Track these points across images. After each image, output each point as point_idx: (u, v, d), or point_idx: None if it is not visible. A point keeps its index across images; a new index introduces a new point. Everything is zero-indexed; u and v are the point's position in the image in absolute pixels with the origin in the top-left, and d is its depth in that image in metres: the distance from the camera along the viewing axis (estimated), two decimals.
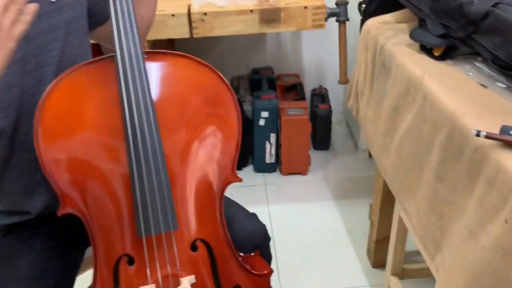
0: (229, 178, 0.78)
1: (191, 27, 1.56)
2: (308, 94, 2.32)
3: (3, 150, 0.79)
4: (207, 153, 0.77)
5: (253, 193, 2.00)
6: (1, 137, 0.78)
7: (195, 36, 1.58)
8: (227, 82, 0.79)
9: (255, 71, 2.31)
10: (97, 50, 1.65)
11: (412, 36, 1.01)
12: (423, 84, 0.88)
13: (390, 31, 1.12)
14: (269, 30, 1.59)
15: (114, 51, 0.72)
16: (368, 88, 1.19)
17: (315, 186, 2.05)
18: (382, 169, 1.14)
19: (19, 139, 0.80)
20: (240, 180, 0.79)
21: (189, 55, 0.78)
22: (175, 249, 0.72)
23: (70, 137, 0.73)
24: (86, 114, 0.71)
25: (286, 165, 2.08)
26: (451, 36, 0.93)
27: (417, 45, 1.02)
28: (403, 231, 1.21)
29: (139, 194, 0.69)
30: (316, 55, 2.41)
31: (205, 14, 1.54)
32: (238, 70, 2.38)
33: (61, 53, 0.82)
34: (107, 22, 0.92)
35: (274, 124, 2.02)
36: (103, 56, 0.76)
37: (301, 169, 2.09)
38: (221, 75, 0.79)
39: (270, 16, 1.54)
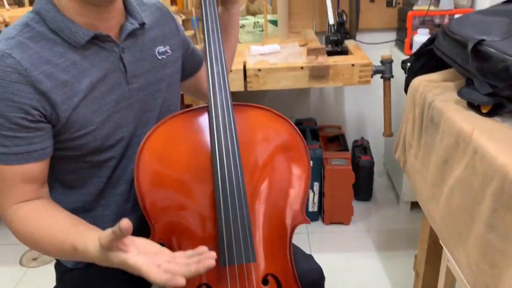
0: (299, 219, 0.86)
1: (246, 81, 1.70)
2: (350, 146, 2.39)
3: (103, 180, 0.91)
4: (282, 193, 0.85)
5: (296, 241, 2.01)
6: (105, 168, 0.90)
7: (249, 89, 1.70)
8: (299, 132, 0.88)
9: (299, 122, 2.42)
10: None
11: (460, 94, 1.08)
12: (473, 139, 0.95)
13: (438, 89, 1.19)
14: (318, 85, 1.70)
15: (208, 102, 0.84)
16: (416, 141, 1.25)
17: (357, 237, 2.07)
18: (430, 219, 1.18)
19: (119, 172, 0.92)
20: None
21: (267, 108, 0.89)
22: (251, 281, 0.79)
23: (165, 174, 0.83)
24: (179, 155, 0.81)
25: (329, 214, 2.12)
26: (499, 95, 1.00)
27: (464, 102, 1.08)
28: (451, 281, 1.23)
29: (225, 227, 0.78)
30: (357, 107, 2.50)
31: (259, 70, 1.67)
32: None
33: (163, 101, 0.96)
34: (192, 77, 1.09)
35: (318, 173, 2.08)
36: (197, 106, 0.88)
37: (344, 219, 2.13)
38: (294, 125, 0.89)
39: (319, 73, 1.65)
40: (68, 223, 0.79)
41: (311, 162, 2.07)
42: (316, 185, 2.10)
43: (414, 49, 1.81)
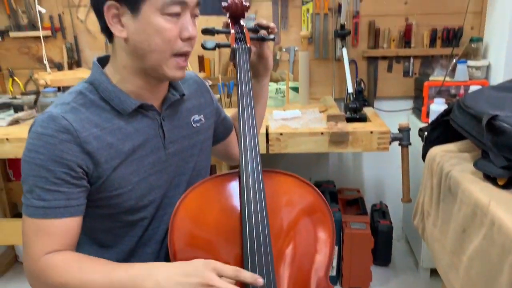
0: (323, 284, 0.88)
1: (268, 144, 1.77)
2: (369, 209, 2.40)
3: (135, 239, 0.96)
4: (307, 259, 0.89)
5: None
6: (138, 227, 0.96)
7: (271, 152, 1.77)
8: (324, 198, 0.93)
9: (318, 184, 2.46)
10: None
11: (476, 166, 1.13)
12: (490, 210, 0.98)
13: (455, 159, 1.24)
14: (337, 150, 1.76)
15: (240, 167, 0.90)
16: (435, 210, 1.28)
17: None
18: (449, 287, 1.18)
19: (150, 232, 0.97)
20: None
21: (294, 174, 0.95)
22: None
23: (198, 234, 0.88)
24: (211, 218, 0.86)
25: (347, 278, 2.10)
26: None
27: (481, 173, 1.13)
28: None
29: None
30: (376, 172, 2.54)
31: (281, 134, 1.75)
32: None
33: (195, 165, 1.04)
34: (223, 141, 1.18)
35: (337, 236, 2.09)
36: (229, 172, 0.94)
37: (362, 284, 2.10)
38: (318, 191, 0.94)
39: (338, 138, 1.72)
40: (107, 263, 0.84)
41: None
42: (335, 249, 2.10)
43: (431, 117, 1.87)
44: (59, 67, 2.37)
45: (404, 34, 2.25)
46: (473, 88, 1.96)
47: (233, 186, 0.92)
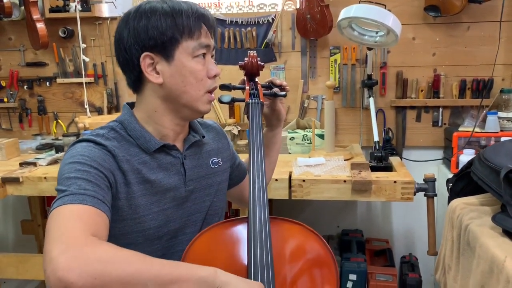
0: None
1: (290, 190, 1.79)
2: (397, 261, 2.33)
3: None
4: None
5: None
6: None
7: (293, 198, 1.79)
8: (329, 247, 0.94)
9: (345, 233, 2.42)
10: None
11: (494, 220, 1.10)
12: (505, 267, 0.95)
13: (474, 213, 1.22)
14: (360, 198, 1.75)
15: (248, 214, 0.93)
16: (455, 264, 1.24)
17: None
18: None
19: None
20: None
21: (300, 223, 0.97)
22: None
23: None
24: (219, 263, 0.88)
25: None
26: None
27: (500, 228, 1.10)
28: None
29: None
30: (406, 222, 2.48)
31: (303, 180, 1.76)
32: (329, 229, 2.51)
33: (211, 204, 1.11)
34: (238, 185, 1.26)
35: None
36: (236, 218, 0.98)
37: None
38: (325, 241, 0.95)
39: (361, 187, 1.71)
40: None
41: (355, 275, 2.05)
42: None
43: (460, 168, 1.84)
44: (99, 111, 2.53)
45: (432, 85, 2.25)
46: (503, 139, 1.92)
47: (241, 232, 0.95)
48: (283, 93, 1.14)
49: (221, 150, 1.17)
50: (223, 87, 1.11)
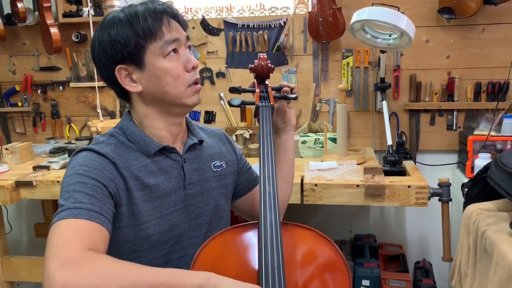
0: None
1: (302, 195, 1.77)
2: (411, 266, 2.29)
3: None
4: None
5: None
6: (155, 265, 0.98)
7: (305, 202, 1.77)
8: (341, 252, 0.92)
9: (358, 238, 2.39)
10: None
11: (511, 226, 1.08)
12: None
13: (491, 219, 1.19)
14: (373, 203, 1.73)
15: (259, 219, 0.91)
16: (472, 270, 1.22)
17: None
18: None
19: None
20: None
21: (312, 228, 0.96)
22: None
23: None
24: (230, 269, 0.87)
25: None
26: None
27: None
28: None
29: None
30: (420, 227, 2.44)
31: (315, 185, 1.74)
32: (341, 234, 2.49)
33: (215, 207, 1.10)
34: (249, 193, 1.22)
35: None
36: (248, 223, 0.97)
37: None
38: (337, 246, 0.93)
39: (375, 192, 1.69)
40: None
41: (368, 281, 2.02)
42: None
43: (475, 173, 1.80)
44: (111, 115, 2.54)
45: (446, 88, 2.22)
46: None
47: (252, 238, 0.94)
48: (293, 95, 1.11)
49: (224, 154, 1.17)
50: (233, 89, 1.10)
